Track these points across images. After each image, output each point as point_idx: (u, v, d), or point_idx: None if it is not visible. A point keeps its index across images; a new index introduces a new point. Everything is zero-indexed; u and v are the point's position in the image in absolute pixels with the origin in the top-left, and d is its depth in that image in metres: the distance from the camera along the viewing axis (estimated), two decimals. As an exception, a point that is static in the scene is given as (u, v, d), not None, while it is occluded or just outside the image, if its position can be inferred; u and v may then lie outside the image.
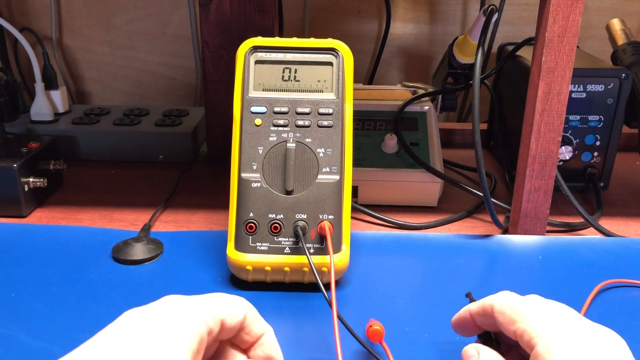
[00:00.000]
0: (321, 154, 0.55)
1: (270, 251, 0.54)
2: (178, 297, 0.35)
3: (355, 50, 0.57)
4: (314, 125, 0.55)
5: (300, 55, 0.56)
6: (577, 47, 0.61)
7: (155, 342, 0.31)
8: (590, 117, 0.75)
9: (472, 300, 0.45)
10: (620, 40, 0.83)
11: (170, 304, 0.34)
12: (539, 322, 0.36)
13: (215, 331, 0.35)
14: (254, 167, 0.54)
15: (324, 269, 0.53)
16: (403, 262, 0.61)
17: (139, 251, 0.60)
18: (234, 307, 0.37)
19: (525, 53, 0.83)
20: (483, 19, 0.68)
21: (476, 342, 0.42)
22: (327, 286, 0.47)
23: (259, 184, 0.54)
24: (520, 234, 0.66)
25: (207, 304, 0.36)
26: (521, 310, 0.37)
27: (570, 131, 0.76)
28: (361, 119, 0.77)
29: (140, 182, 0.81)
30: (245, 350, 0.39)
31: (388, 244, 0.64)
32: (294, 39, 0.56)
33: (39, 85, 0.88)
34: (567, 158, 0.76)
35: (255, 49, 0.56)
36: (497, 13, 0.68)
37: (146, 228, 0.65)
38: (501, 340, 0.41)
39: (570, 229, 0.71)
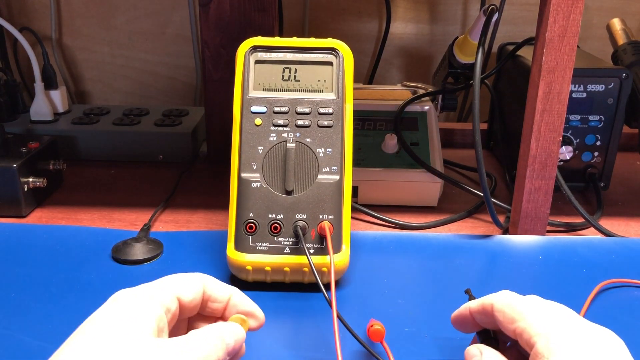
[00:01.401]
0: (321, 154, 0.55)
1: (270, 251, 0.54)
2: (128, 289, 0.37)
3: (355, 50, 0.57)
4: (314, 125, 0.55)
5: (300, 55, 0.56)
6: (578, 47, 0.61)
7: (119, 332, 0.33)
8: (591, 117, 0.75)
9: (471, 296, 0.45)
10: (621, 40, 0.83)
11: (123, 297, 0.36)
12: (538, 321, 0.36)
13: (173, 308, 0.37)
14: (254, 167, 0.54)
15: (324, 269, 0.53)
16: (403, 262, 0.61)
17: (138, 251, 0.60)
18: (188, 283, 0.38)
19: (526, 53, 0.83)
20: (483, 18, 0.68)
21: (474, 338, 0.43)
22: (327, 286, 0.47)
23: (259, 184, 0.54)
24: (520, 234, 0.66)
25: (160, 286, 0.37)
26: (521, 310, 0.37)
27: (570, 131, 0.76)
28: (361, 119, 0.77)
29: (140, 182, 0.81)
30: (221, 318, 0.40)
31: (388, 244, 0.64)
32: (294, 38, 0.56)
33: (39, 85, 0.88)
34: (568, 158, 0.76)
35: (255, 48, 0.56)
36: (497, 13, 0.68)
37: (146, 228, 0.65)
38: (499, 338, 0.41)
39: (571, 229, 0.71)
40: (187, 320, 0.40)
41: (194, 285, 0.38)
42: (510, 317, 0.38)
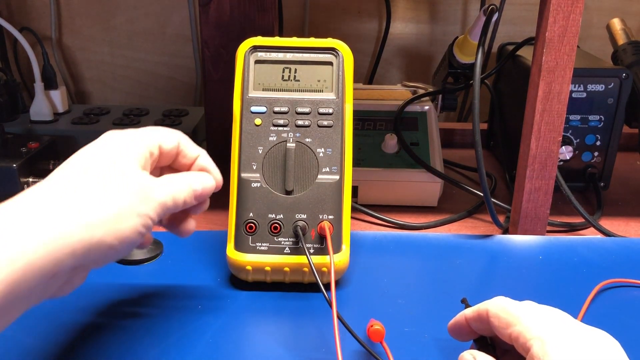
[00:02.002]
0: (321, 154, 0.55)
1: (270, 251, 0.54)
2: (118, 131, 0.41)
3: (355, 50, 0.57)
4: (313, 125, 0.55)
5: (300, 55, 0.56)
6: (578, 46, 0.61)
7: (110, 161, 0.38)
8: (591, 117, 0.75)
9: (467, 305, 0.45)
10: (621, 40, 0.83)
11: (114, 137, 0.40)
12: (533, 325, 0.36)
13: (155, 153, 0.42)
14: (254, 167, 0.54)
15: (324, 269, 0.53)
16: (403, 262, 0.61)
17: (138, 251, 0.60)
18: (168, 134, 0.44)
19: (526, 53, 0.83)
20: (483, 18, 0.68)
21: (472, 346, 0.43)
22: (327, 286, 0.47)
23: (258, 184, 0.54)
24: (520, 234, 0.66)
25: (145, 131, 0.42)
26: (516, 314, 0.38)
27: (570, 131, 0.76)
28: (361, 119, 0.77)
29: (140, 182, 0.81)
30: None
31: (388, 244, 0.64)
32: (294, 38, 0.56)
33: (39, 85, 0.88)
34: (568, 158, 0.76)
35: (255, 48, 0.56)
36: (497, 13, 0.68)
37: (146, 228, 0.65)
38: (496, 345, 0.41)
39: (571, 229, 0.71)
40: (159, 170, 0.45)
41: (172, 138, 0.43)
42: (505, 322, 0.38)
